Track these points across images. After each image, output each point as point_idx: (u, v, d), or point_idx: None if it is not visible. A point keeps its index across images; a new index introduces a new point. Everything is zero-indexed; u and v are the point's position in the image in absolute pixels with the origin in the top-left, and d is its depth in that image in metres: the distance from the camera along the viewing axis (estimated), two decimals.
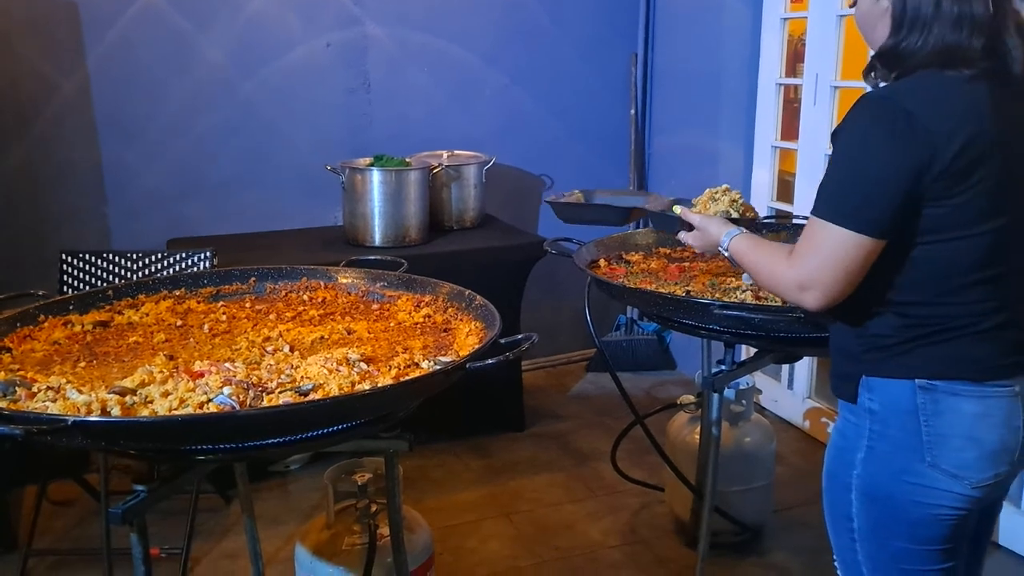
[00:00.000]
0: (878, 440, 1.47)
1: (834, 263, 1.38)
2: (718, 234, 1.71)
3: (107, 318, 1.95)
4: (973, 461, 1.41)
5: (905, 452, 1.44)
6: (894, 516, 1.47)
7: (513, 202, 4.12)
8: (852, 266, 1.38)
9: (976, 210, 1.36)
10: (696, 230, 1.82)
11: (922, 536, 1.46)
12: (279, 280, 2.18)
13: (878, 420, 1.46)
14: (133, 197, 3.51)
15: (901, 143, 1.33)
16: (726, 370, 2.20)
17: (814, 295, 1.41)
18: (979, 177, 1.34)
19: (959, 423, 1.41)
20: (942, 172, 1.33)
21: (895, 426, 1.44)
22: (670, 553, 2.81)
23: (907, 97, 1.35)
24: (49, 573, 2.68)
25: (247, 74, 3.59)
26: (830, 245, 1.38)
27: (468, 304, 1.91)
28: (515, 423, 3.67)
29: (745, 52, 3.70)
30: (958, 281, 1.39)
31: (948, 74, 1.36)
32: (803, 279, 1.41)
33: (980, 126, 1.33)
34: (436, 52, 3.88)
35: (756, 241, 1.63)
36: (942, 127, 1.32)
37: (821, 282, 1.39)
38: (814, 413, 3.60)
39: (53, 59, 3.31)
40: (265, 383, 1.52)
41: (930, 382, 1.41)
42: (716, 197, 2.16)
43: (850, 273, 1.38)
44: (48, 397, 1.44)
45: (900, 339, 1.43)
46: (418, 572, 2.12)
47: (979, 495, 1.44)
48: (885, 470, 1.46)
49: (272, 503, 3.07)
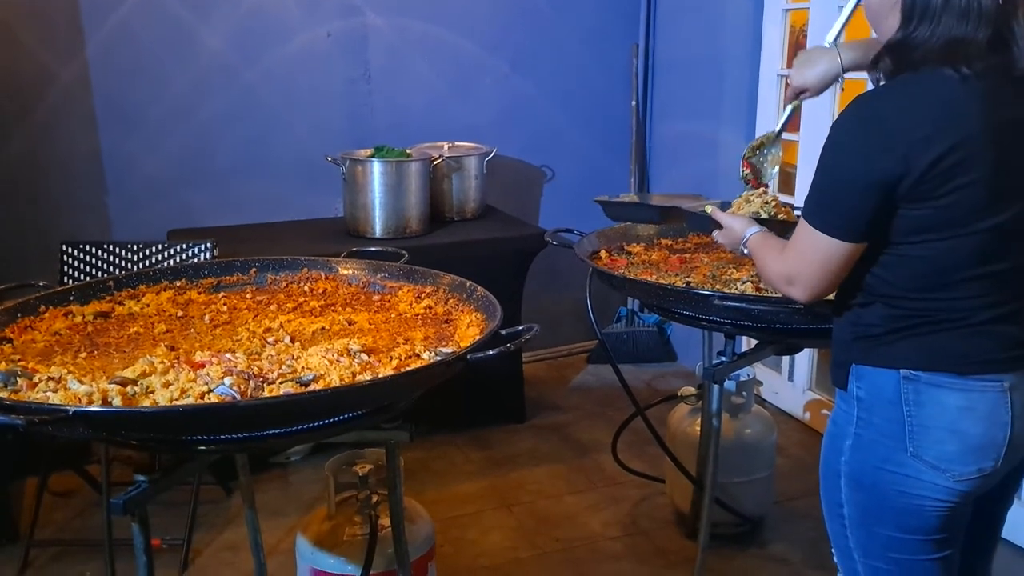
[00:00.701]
0: (865, 428, 1.48)
1: (813, 262, 1.46)
2: (741, 232, 1.77)
3: (108, 309, 1.95)
4: (955, 454, 1.41)
5: (889, 441, 1.45)
6: (880, 504, 1.48)
7: (514, 193, 4.11)
8: (831, 266, 1.44)
9: (966, 210, 1.35)
10: (723, 228, 1.88)
11: (909, 525, 1.47)
12: (280, 271, 2.18)
13: (864, 408, 1.48)
14: (133, 187, 3.50)
15: (874, 152, 1.35)
16: (727, 361, 2.20)
17: (799, 289, 1.50)
18: (965, 180, 1.33)
19: (941, 415, 1.41)
20: (919, 178, 1.33)
21: (880, 415, 1.46)
22: (670, 544, 2.81)
23: (888, 102, 1.37)
24: (51, 564, 2.69)
25: (247, 63, 3.58)
26: (810, 246, 1.45)
27: (469, 295, 1.90)
28: (516, 415, 3.67)
29: (747, 43, 3.69)
30: (950, 278, 1.39)
31: (946, 73, 1.34)
32: (788, 274, 1.51)
33: (966, 129, 1.32)
34: (436, 41, 3.87)
35: (766, 237, 1.70)
36: (919, 133, 1.32)
37: (804, 278, 1.48)
38: (815, 405, 3.60)
39: (52, 47, 3.30)
40: (266, 373, 1.52)
41: (913, 372, 1.43)
42: (751, 199, 2.18)
43: (830, 272, 1.45)
44: (49, 387, 1.44)
45: (887, 329, 1.45)
46: (419, 563, 2.13)
47: (965, 488, 1.43)
48: (870, 458, 1.48)
49: (273, 494, 3.08)
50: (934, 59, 1.36)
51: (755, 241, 1.72)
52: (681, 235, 2.67)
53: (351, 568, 2.05)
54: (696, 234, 2.68)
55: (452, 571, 2.65)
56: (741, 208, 2.18)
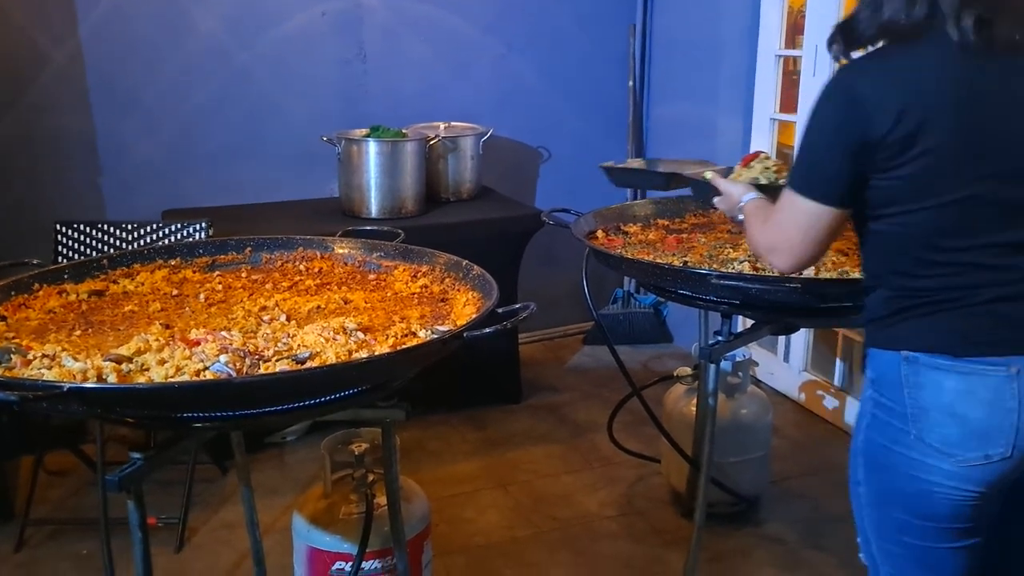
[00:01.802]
0: (878, 408, 1.49)
1: (796, 229, 1.48)
2: (738, 198, 1.80)
3: (102, 287, 1.94)
4: (956, 438, 1.40)
5: (897, 423, 1.45)
6: (892, 485, 1.48)
7: (510, 174, 4.09)
8: (813, 232, 1.46)
9: (929, 179, 1.36)
10: (723, 195, 1.90)
11: (921, 510, 1.45)
12: (275, 250, 2.17)
13: (876, 389, 1.49)
14: (127, 168, 3.48)
15: (843, 117, 1.40)
16: (723, 341, 2.19)
17: (780, 257, 1.53)
18: (923, 148, 1.34)
19: (940, 397, 1.41)
20: (880, 143, 1.36)
21: (888, 396, 1.46)
22: (666, 523, 2.83)
23: (854, 73, 1.43)
24: (47, 542, 2.69)
25: (242, 44, 3.55)
26: (793, 212, 1.48)
27: (465, 274, 1.90)
28: (512, 396, 3.67)
29: (745, 23, 3.67)
30: (929, 254, 1.40)
31: (901, 46, 1.39)
32: (770, 242, 1.55)
33: (922, 98, 1.34)
34: (432, 21, 3.84)
35: (760, 205, 1.73)
36: (881, 101, 1.36)
37: (786, 246, 1.51)
38: (810, 386, 3.61)
39: (45, 27, 3.27)
40: (262, 351, 1.52)
41: (913, 354, 1.43)
42: (751, 165, 2.17)
43: (813, 240, 1.47)
44: (44, 364, 1.44)
45: (890, 311, 1.46)
46: (415, 541, 2.13)
47: (978, 476, 1.40)
48: (882, 438, 1.48)
49: (269, 474, 3.08)
50: (880, 37, 1.41)
51: (749, 208, 1.75)
52: (678, 215, 2.66)
53: (347, 546, 2.05)
54: (693, 214, 2.68)
55: (448, 550, 2.66)
56: (741, 175, 2.17)
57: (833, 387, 3.52)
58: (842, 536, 2.73)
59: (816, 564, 2.62)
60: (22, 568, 2.58)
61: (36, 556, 2.63)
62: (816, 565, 2.61)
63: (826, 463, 3.18)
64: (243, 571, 2.56)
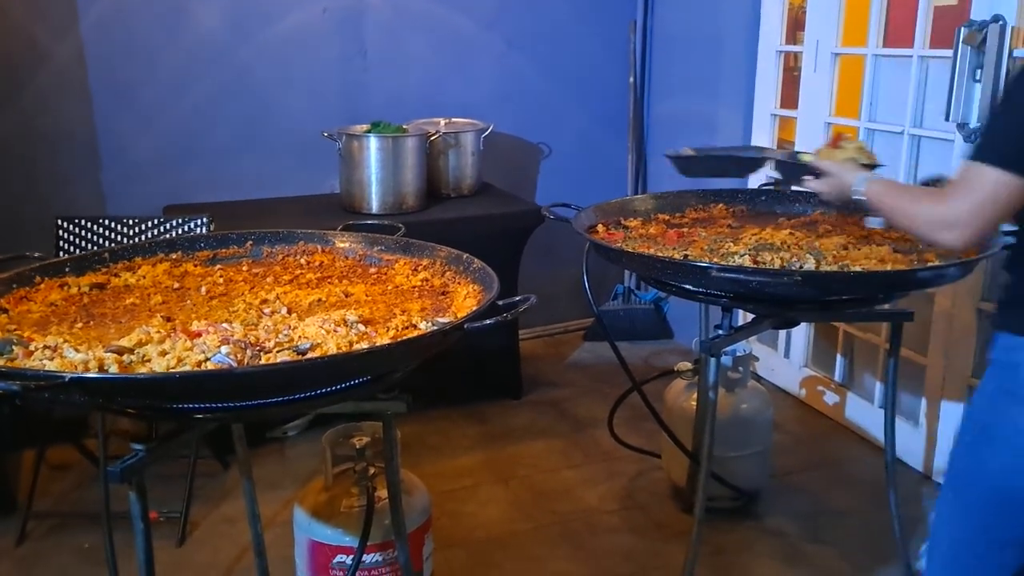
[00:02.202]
0: (991, 382, 1.53)
1: (983, 204, 1.44)
2: (851, 179, 1.80)
3: (103, 280, 1.94)
4: None
5: (1011, 401, 1.48)
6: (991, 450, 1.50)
7: (511, 170, 4.10)
8: (1000, 208, 1.44)
9: None
10: (827, 176, 1.90)
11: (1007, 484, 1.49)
12: (276, 244, 2.17)
13: (995, 367, 1.53)
14: (128, 163, 3.48)
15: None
16: (724, 335, 2.20)
17: (958, 233, 1.48)
18: None
19: None
20: None
21: (1004, 377, 1.51)
22: (667, 518, 2.83)
23: None
24: (49, 535, 2.70)
25: (243, 40, 3.55)
26: (983, 186, 1.43)
27: (466, 267, 1.90)
28: (512, 391, 3.68)
29: (745, 19, 3.67)
30: None
31: None
32: (951, 218, 1.48)
33: None
34: (433, 18, 3.84)
35: (893, 183, 1.75)
36: None
37: (969, 222, 1.46)
38: (810, 381, 3.61)
39: (46, 23, 3.27)
40: (263, 343, 1.52)
41: None
42: (842, 145, 2.15)
43: (996, 216, 1.45)
44: (45, 355, 1.44)
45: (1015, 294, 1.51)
46: (416, 534, 2.14)
47: None
48: (991, 411, 1.52)
49: (270, 468, 3.09)
50: None
51: (879, 186, 1.73)
52: (679, 210, 2.66)
53: (348, 539, 2.06)
54: (694, 208, 2.67)
55: (449, 543, 2.67)
56: (834, 156, 2.14)
57: (834, 383, 3.52)
58: (842, 530, 2.74)
59: (816, 557, 2.62)
60: (24, 561, 2.59)
61: (38, 549, 2.64)
62: (816, 559, 2.62)
63: (827, 458, 3.18)
64: (244, 564, 2.57)
